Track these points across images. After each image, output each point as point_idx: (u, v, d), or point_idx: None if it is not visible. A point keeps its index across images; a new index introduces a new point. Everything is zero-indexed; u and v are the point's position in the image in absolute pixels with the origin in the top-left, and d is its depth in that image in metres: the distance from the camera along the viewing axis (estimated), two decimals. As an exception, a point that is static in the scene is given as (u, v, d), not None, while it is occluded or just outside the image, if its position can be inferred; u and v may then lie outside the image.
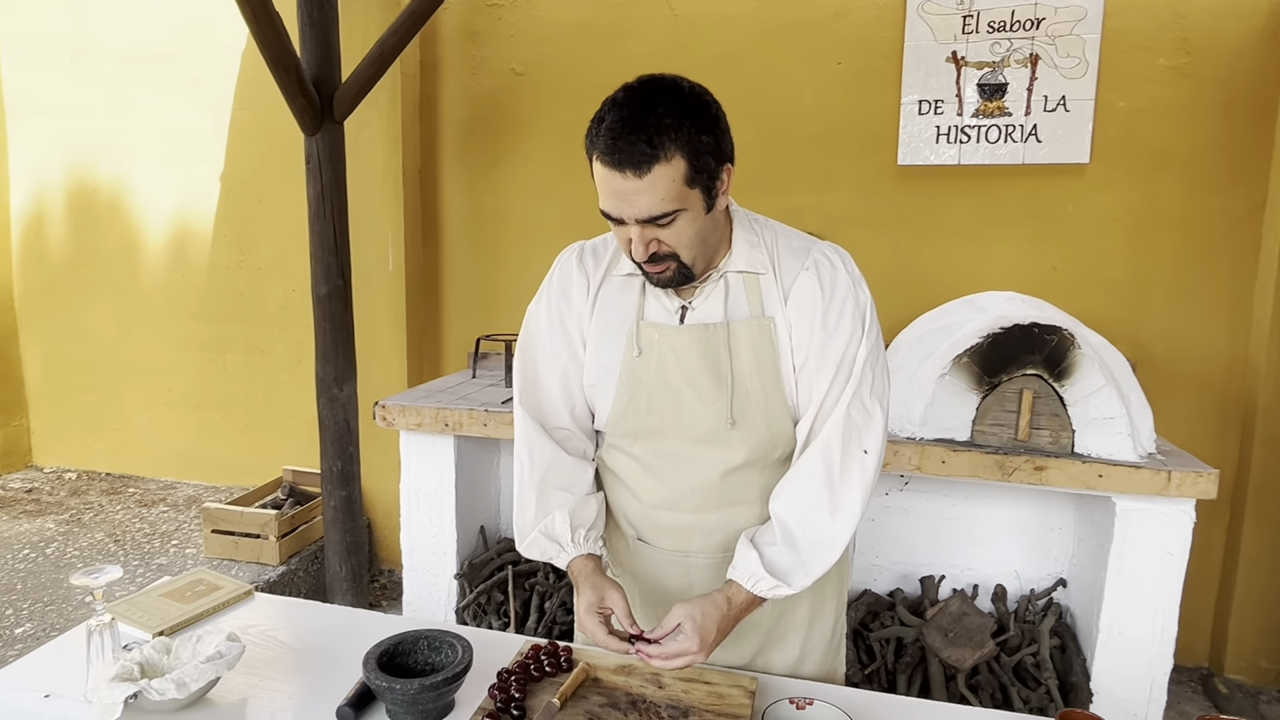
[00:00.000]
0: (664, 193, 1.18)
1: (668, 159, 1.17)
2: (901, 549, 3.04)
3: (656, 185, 1.17)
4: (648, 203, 1.19)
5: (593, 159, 1.21)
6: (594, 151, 1.20)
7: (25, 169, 4.44)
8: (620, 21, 3.46)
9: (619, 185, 1.19)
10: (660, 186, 1.18)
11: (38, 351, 4.61)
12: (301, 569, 3.39)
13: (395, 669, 1.34)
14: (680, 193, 1.19)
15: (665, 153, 1.16)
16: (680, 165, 1.18)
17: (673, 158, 1.17)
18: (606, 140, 1.18)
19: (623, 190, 1.19)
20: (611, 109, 1.19)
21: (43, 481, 4.44)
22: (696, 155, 1.19)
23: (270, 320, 4.10)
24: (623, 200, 1.20)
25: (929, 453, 2.48)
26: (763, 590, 1.27)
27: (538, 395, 1.47)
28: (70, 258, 4.45)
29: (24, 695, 1.37)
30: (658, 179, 1.17)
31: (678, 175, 1.18)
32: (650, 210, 1.19)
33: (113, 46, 4.17)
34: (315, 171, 3.16)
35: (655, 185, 1.17)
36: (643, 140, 1.15)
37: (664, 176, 1.17)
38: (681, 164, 1.18)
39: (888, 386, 1.35)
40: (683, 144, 1.17)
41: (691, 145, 1.18)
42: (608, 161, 1.18)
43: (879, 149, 3.26)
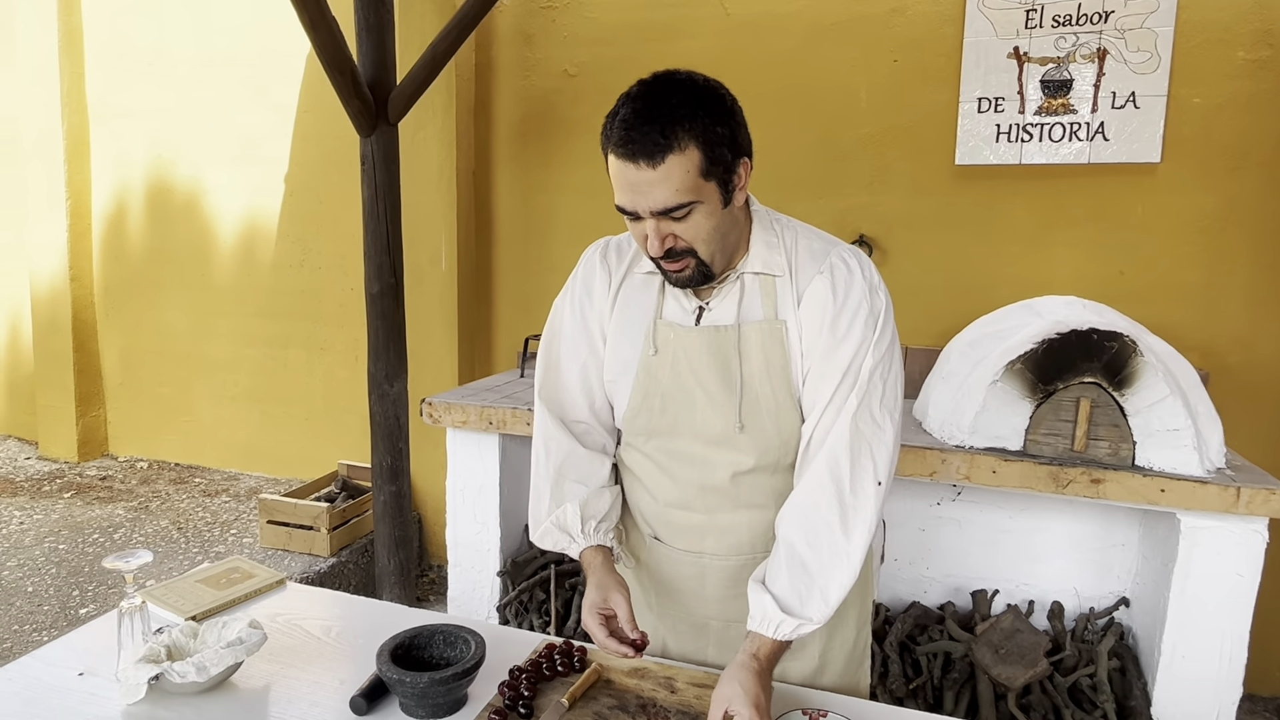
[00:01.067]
0: (678, 183, 1.16)
1: (681, 149, 1.15)
2: (953, 561, 2.94)
3: (671, 176, 1.16)
4: (662, 194, 1.17)
5: (607, 154, 1.20)
6: (608, 146, 1.19)
7: (107, 169, 4.66)
8: (672, 22, 3.44)
9: (633, 177, 1.17)
10: (675, 177, 1.16)
11: (116, 345, 4.82)
12: (351, 561, 3.46)
13: (410, 661, 1.35)
14: (695, 184, 1.17)
15: (679, 142, 1.14)
16: (695, 156, 1.16)
17: (687, 148, 1.15)
18: (620, 132, 1.17)
19: (636, 182, 1.17)
20: (625, 103, 1.18)
21: (117, 470, 4.64)
22: (711, 146, 1.17)
23: (330, 318, 4.20)
24: (637, 192, 1.18)
25: (979, 462, 2.39)
26: (785, 634, 1.22)
27: (558, 388, 1.46)
28: (147, 255, 4.64)
29: (60, 673, 1.42)
30: (672, 169, 1.15)
31: (692, 166, 1.16)
32: (664, 202, 1.17)
33: (187, 51, 4.34)
34: (370, 172, 3.22)
35: (669, 176, 1.16)
36: (656, 130, 1.14)
37: (678, 167, 1.15)
38: (696, 154, 1.16)
39: (900, 396, 1.30)
40: (697, 134, 1.15)
41: (706, 135, 1.16)
42: (621, 153, 1.17)
43: (936, 149, 3.17)
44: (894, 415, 1.27)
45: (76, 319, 4.72)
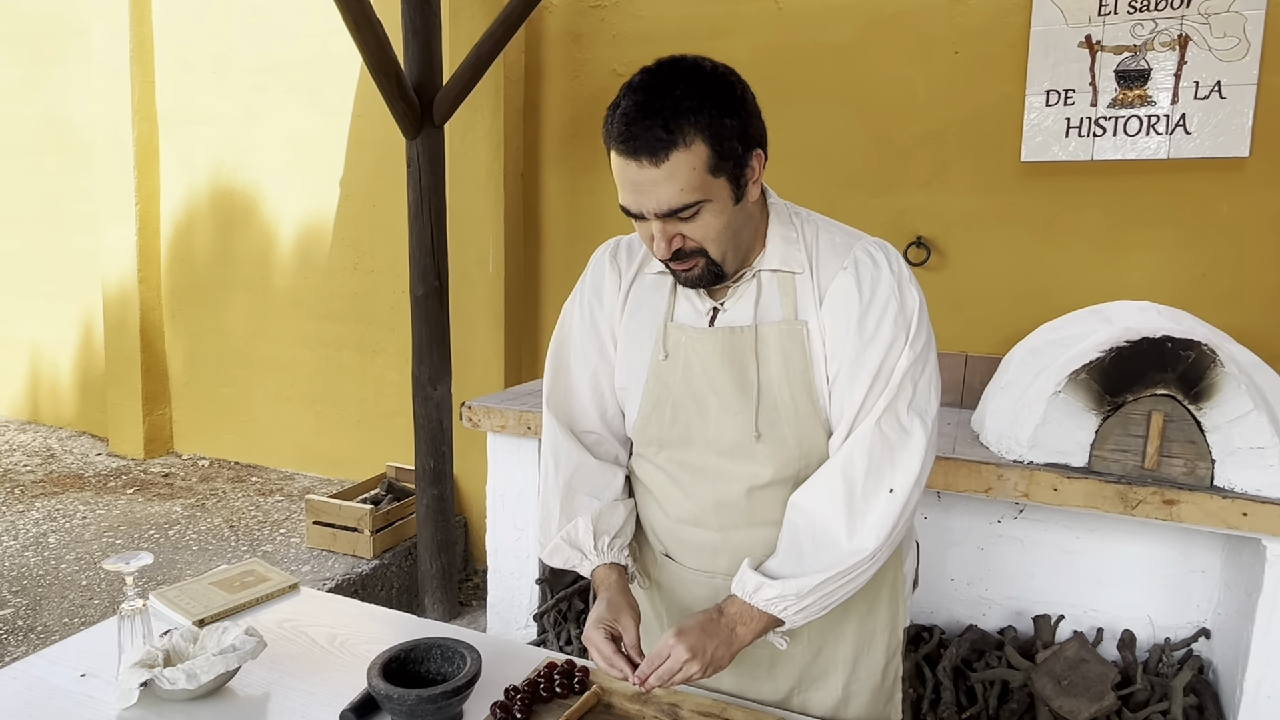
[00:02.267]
0: (684, 182, 1.07)
1: (687, 145, 1.06)
2: (1014, 583, 2.76)
3: (676, 174, 1.06)
4: (667, 194, 1.08)
5: (610, 150, 1.11)
6: (609, 141, 1.10)
7: (174, 175, 4.79)
8: (722, 18, 3.35)
9: (635, 176, 1.08)
10: (680, 175, 1.07)
11: (181, 346, 4.96)
12: (394, 564, 3.45)
13: (405, 675, 1.29)
14: (703, 182, 1.08)
15: (684, 138, 1.05)
16: (702, 151, 1.07)
17: (693, 143, 1.06)
18: (620, 127, 1.08)
19: (639, 181, 1.08)
20: (626, 94, 1.09)
21: (179, 467, 4.76)
22: (720, 140, 1.07)
23: (381, 320, 4.23)
24: (640, 192, 1.09)
25: (1038, 478, 2.23)
26: (749, 591, 1.13)
27: (568, 397, 1.38)
28: (211, 258, 4.75)
29: (63, 673, 1.41)
30: (677, 167, 1.06)
31: (699, 163, 1.07)
32: (670, 202, 1.08)
33: (249, 59, 4.43)
34: (415, 175, 3.21)
35: (675, 174, 1.06)
36: (658, 125, 1.05)
37: (684, 164, 1.06)
38: (703, 150, 1.07)
39: (934, 400, 1.17)
40: (704, 128, 1.06)
41: (714, 129, 1.06)
42: (622, 150, 1.08)
43: (1000, 145, 2.99)
44: (925, 420, 1.16)
45: (144, 320, 4.86)
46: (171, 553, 3.52)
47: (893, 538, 1.14)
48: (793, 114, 3.27)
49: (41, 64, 5.20)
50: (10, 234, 5.54)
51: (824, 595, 1.13)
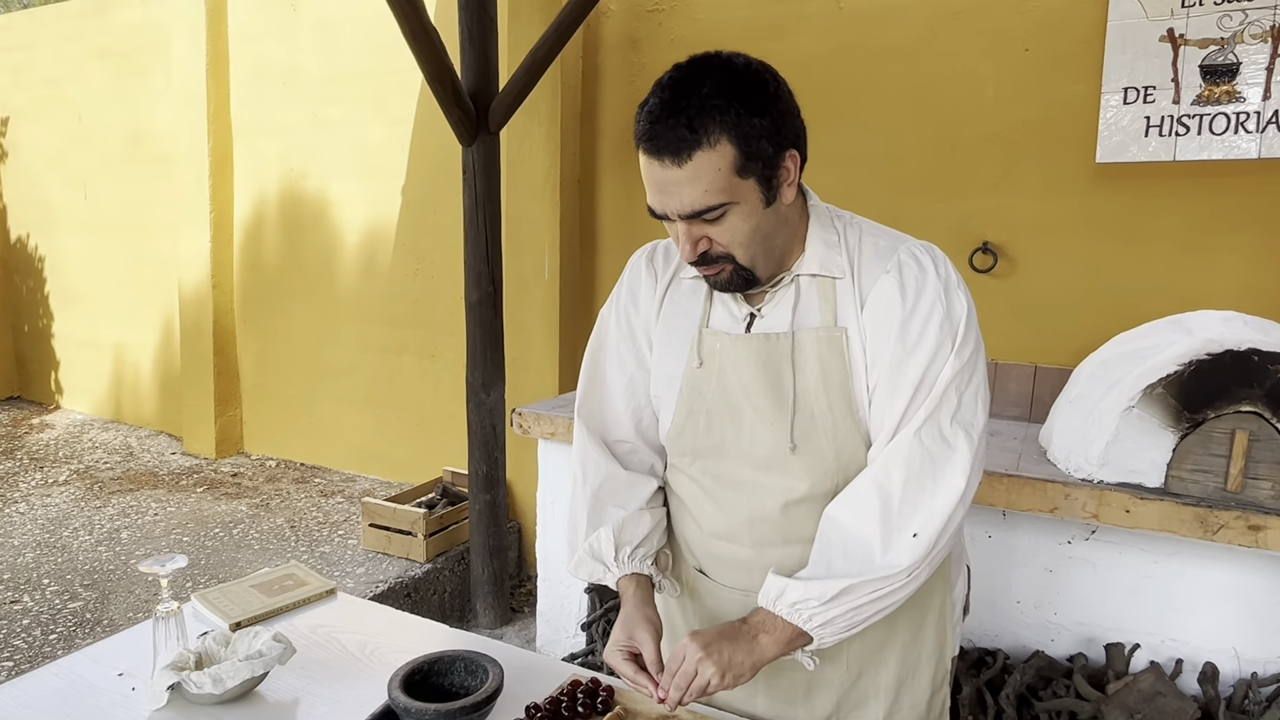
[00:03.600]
0: (709, 183, 1.02)
1: (712, 144, 1.01)
2: (1086, 608, 2.60)
3: (700, 174, 1.02)
4: (691, 195, 1.03)
5: (637, 150, 1.08)
6: (636, 140, 1.07)
7: (247, 184, 4.94)
8: (781, 19, 3.28)
9: (659, 176, 1.05)
10: (705, 176, 1.02)
11: (252, 349, 5.11)
12: (447, 569, 3.46)
13: (428, 688, 1.27)
14: (729, 183, 1.03)
15: (709, 137, 1.01)
16: (728, 152, 1.02)
17: (718, 143, 1.01)
18: (645, 125, 1.04)
19: (663, 181, 1.05)
20: (655, 92, 1.05)
21: (248, 467, 4.89)
22: (747, 140, 1.02)
23: (440, 326, 4.27)
24: (664, 193, 1.05)
25: (1109, 499, 2.10)
26: (772, 598, 1.08)
27: (600, 405, 1.35)
28: (280, 264, 4.89)
29: (101, 672, 1.43)
30: (701, 167, 1.02)
31: (724, 164, 1.02)
32: (694, 204, 1.04)
33: (317, 70, 4.54)
34: (470, 181, 3.23)
35: (699, 174, 1.02)
36: (682, 124, 1.01)
37: (708, 164, 1.02)
38: (729, 150, 1.02)
39: (981, 413, 1.09)
40: (730, 127, 1.01)
41: (741, 129, 1.02)
42: (647, 149, 1.04)
43: (1073, 145, 2.85)
44: (971, 434, 1.08)
45: (217, 324, 5.03)
46: (234, 551, 3.62)
47: (931, 557, 1.07)
48: (855, 116, 3.18)
49: (130, 78, 5.44)
50: (101, 240, 5.81)
51: (852, 608, 1.06)
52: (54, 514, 4.08)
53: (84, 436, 5.54)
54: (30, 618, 3.02)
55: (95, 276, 5.90)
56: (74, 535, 3.80)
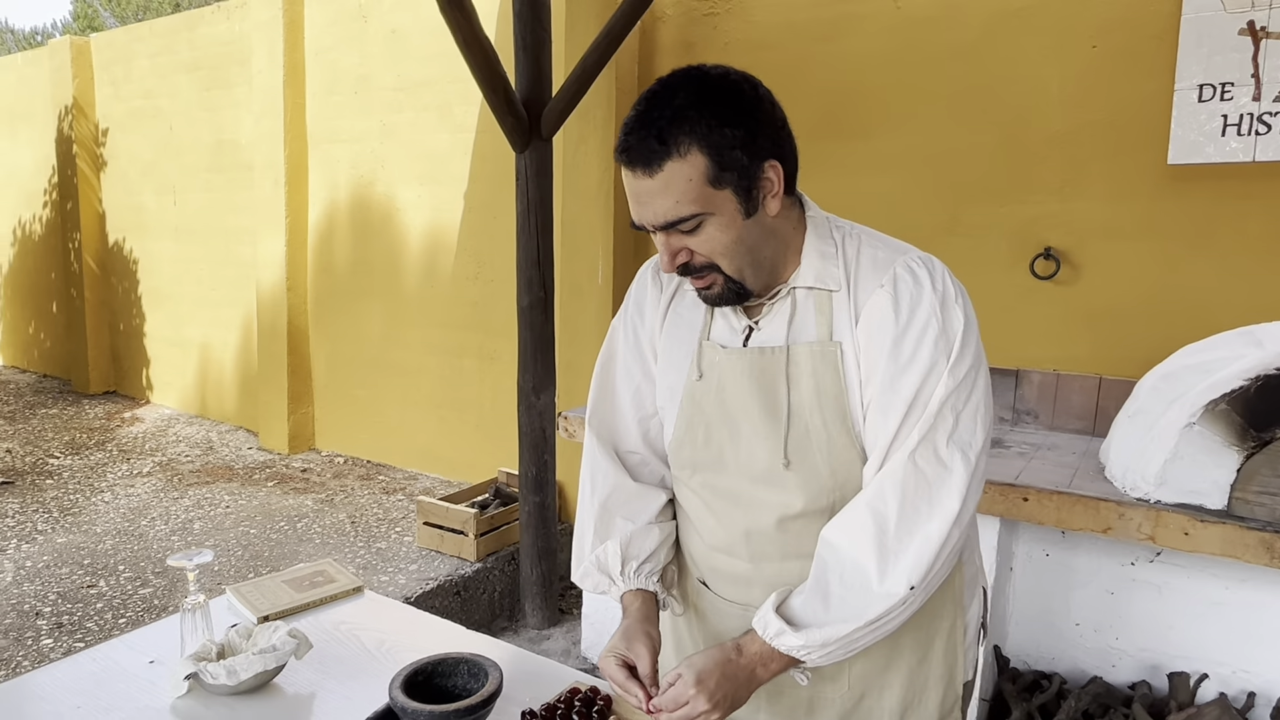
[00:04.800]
0: (680, 193, 1.02)
1: (681, 155, 1.01)
2: (1150, 634, 2.47)
3: (671, 185, 1.02)
4: (663, 205, 1.03)
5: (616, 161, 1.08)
6: (614, 153, 1.07)
7: (320, 190, 5.12)
8: (838, 20, 3.21)
9: (634, 186, 1.05)
10: (676, 186, 1.02)
11: (324, 349, 5.29)
12: (497, 569, 3.51)
13: (431, 689, 1.28)
14: (701, 194, 1.02)
15: (678, 148, 1.00)
16: (699, 162, 1.01)
17: (688, 153, 1.00)
18: (621, 136, 1.05)
19: (638, 192, 1.05)
20: (634, 105, 1.05)
21: (317, 463, 5.07)
22: (719, 150, 1.01)
23: (499, 329, 4.34)
24: (640, 203, 1.06)
25: (1167, 520, 1.98)
26: (770, 635, 1.05)
27: (611, 416, 1.34)
28: (350, 268, 5.05)
29: (135, 659, 1.50)
30: (672, 178, 1.01)
31: (696, 174, 1.01)
32: (667, 214, 1.04)
33: (386, 79, 4.68)
34: (523, 187, 3.27)
35: (670, 185, 1.02)
36: (652, 135, 1.01)
37: (679, 175, 1.01)
38: (701, 160, 1.01)
39: (980, 432, 1.05)
40: (700, 137, 1.00)
41: (712, 138, 1.01)
42: (621, 160, 1.05)
43: (1143, 146, 2.71)
44: (968, 454, 1.03)
45: (291, 325, 5.22)
46: (295, 544, 3.75)
47: (927, 581, 1.03)
48: (912, 118, 3.10)
49: (215, 90, 5.71)
50: (188, 243, 6.11)
51: (851, 642, 1.04)
52: (135, 503, 4.30)
53: (169, 430, 5.84)
54: (104, 601, 3.20)
55: (182, 278, 6.21)
56: (151, 524, 4.00)
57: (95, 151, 6.78)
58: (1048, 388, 2.89)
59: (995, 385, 2.99)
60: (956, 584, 1.21)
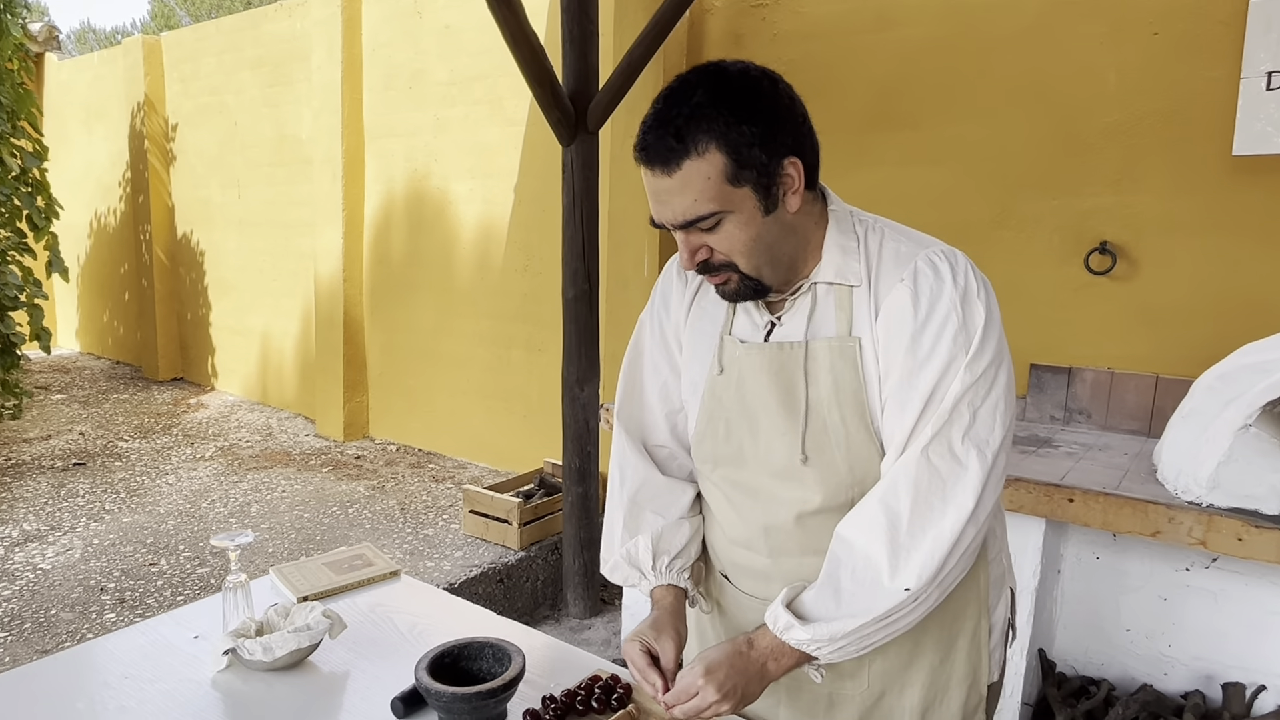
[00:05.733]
0: (698, 192, 1.02)
1: (699, 153, 1.00)
2: (1205, 642, 2.39)
3: (690, 184, 1.01)
4: (682, 204, 1.03)
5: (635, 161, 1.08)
6: (634, 152, 1.07)
7: (376, 183, 5.24)
8: (887, 9, 3.16)
9: (653, 185, 1.05)
10: (694, 185, 1.01)
11: (378, 340, 5.41)
12: (540, 558, 3.56)
13: (456, 672, 1.31)
14: (720, 192, 1.02)
15: (695, 146, 1.00)
16: (717, 160, 1.00)
17: (706, 151, 1.00)
18: (639, 135, 1.05)
19: (657, 190, 1.05)
20: (653, 103, 1.05)
21: (371, 451, 5.19)
22: (737, 148, 1.00)
23: (546, 321, 4.38)
24: (659, 202, 1.06)
25: (1219, 525, 1.92)
26: (779, 629, 1.04)
27: (639, 410, 1.35)
28: (404, 260, 5.15)
29: (181, 634, 1.56)
30: (690, 176, 1.01)
31: (714, 172, 1.01)
32: (685, 213, 1.03)
33: (440, 74, 4.75)
34: (569, 180, 3.30)
35: (688, 184, 1.01)
36: (670, 133, 1.00)
37: (697, 173, 1.01)
38: (719, 158, 1.00)
39: (998, 430, 1.02)
40: (718, 135, 1.00)
41: (729, 136, 1.00)
42: (640, 159, 1.05)
43: (1206, 137, 2.61)
44: (984, 451, 1.01)
45: (348, 315, 5.35)
46: (346, 529, 3.85)
47: (941, 579, 1.01)
48: (963, 109, 3.03)
49: (278, 86, 5.87)
50: (251, 235, 6.31)
51: (862, 638, 1.03)
52: (197, 486, 4.47)
53: (232, 416, 6.04)
54: (164, 579, 3.33)
55: (245, 269, 6.41)
56: (211, 506, 4.15)
57: (165, 146, 7.03)
58: (1101, 387, 2.81)
59: (1046, 384, 2.92)
60: (981, 584, 1.19)
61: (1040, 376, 2.93)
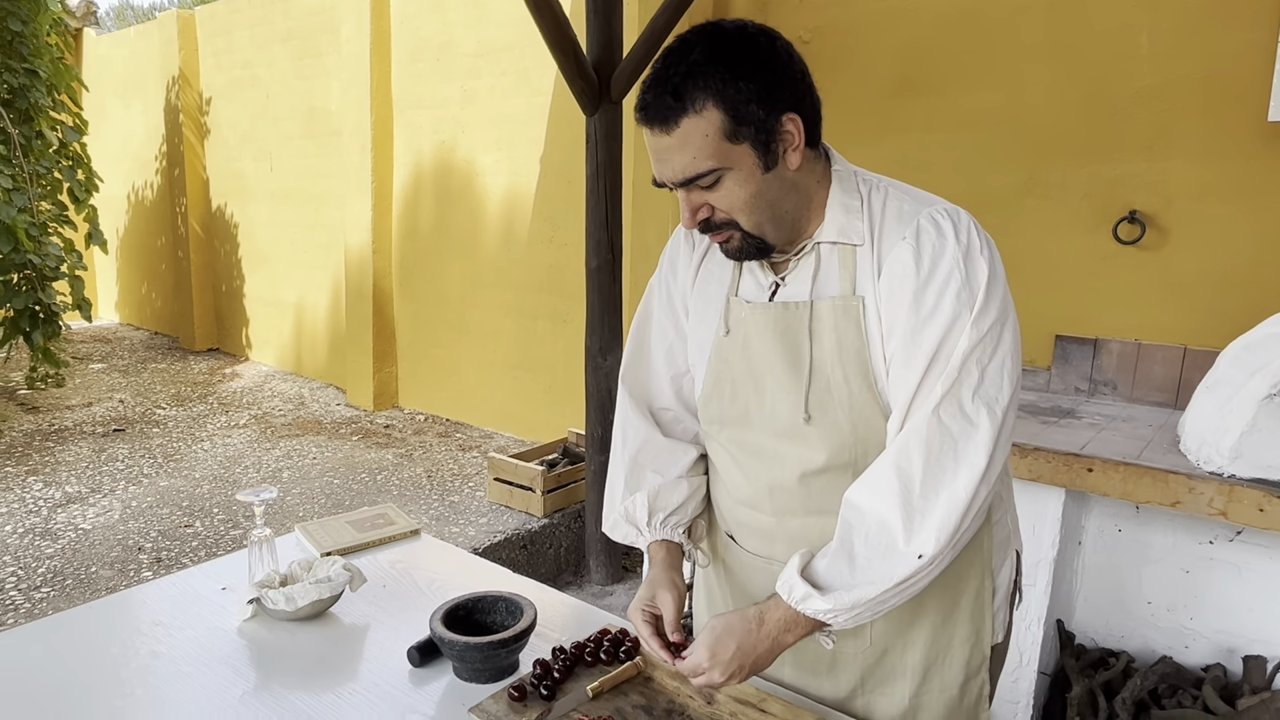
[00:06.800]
0: (697, 149, 1.02)
1: (696, 110, 1.00)
2: (1227, 616, 2.37)
3: (688, 141, 1.02)
4: (681, 161, 1.04)
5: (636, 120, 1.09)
6: (634, 112, 1.08)
7: (404, 155, 5.27)
8: (915, -27, 3.11)
9: (653, 143, 1.06)
10: (693, 142, 1.02)
11: (407, 310, 5.48)
12: (563, 525, 3.61)
13: (471, 624, 1.35)
14: (718, 149, 1.02)
15: (693, 104, 1.00)
16: (714, 117, 1.01)
17: (703, 109, 1.00)
18: (639, 95, 1.05)
19: (657, 149, 1.06)
20: (652, 63, 1.06)
21: (399, 420, 5.27)
22: (735, 105, 1.01)
23: (571, 292, 4.40)
24: (659, 160, 1.06)
25: (1240, 496, 1.90)
26: (796, 600, 1.05)
27: (645, 372, 1.37)
28: (432, 231, 5.20)
29: (209, 585, 1.62)
30: (688, 134, 1.02)
31: (712, 129, 1.01)
32: (684, 171, 1.04)
33: (467, 45, 4.76)
34: (593, 150, 3.30)
35: (686, 141, 1.02)
36: (667, 92, 1.01)
37: (694, 130, 1.01)
38: (716, 115, 1.01)
39: (1006, 387, 1.02)
40: (714, 92, 1.00)
41: (725, 93, 1.00)
42: (639, 118, 1.06)
43: (1241, 102, 2.54)
44: (994, 410, 1.01)
45: (377, 287, 5.42)
46: (374, 495, 3.93)
47: (955, 540, 1.02)
48: (989, 73, 2.98)
49: (307, 59, 5.92)
50: (283, 207, 6.39)
51: (879, 604, 1.03)
52: (231, 452, 4.58)
53: (266, 386, 6.16)
54: (198, 540, 3.44)
55: (278, 241, 6.51)
56: (244, 472, 4.26)
57: (199, 120, 7.13)
58: (1128, 358, 2.77)
59: (1071, 355, 2.89)
60: (985, 545, 1.20)
61: (1065, 348, 2.90)
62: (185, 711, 1.21)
